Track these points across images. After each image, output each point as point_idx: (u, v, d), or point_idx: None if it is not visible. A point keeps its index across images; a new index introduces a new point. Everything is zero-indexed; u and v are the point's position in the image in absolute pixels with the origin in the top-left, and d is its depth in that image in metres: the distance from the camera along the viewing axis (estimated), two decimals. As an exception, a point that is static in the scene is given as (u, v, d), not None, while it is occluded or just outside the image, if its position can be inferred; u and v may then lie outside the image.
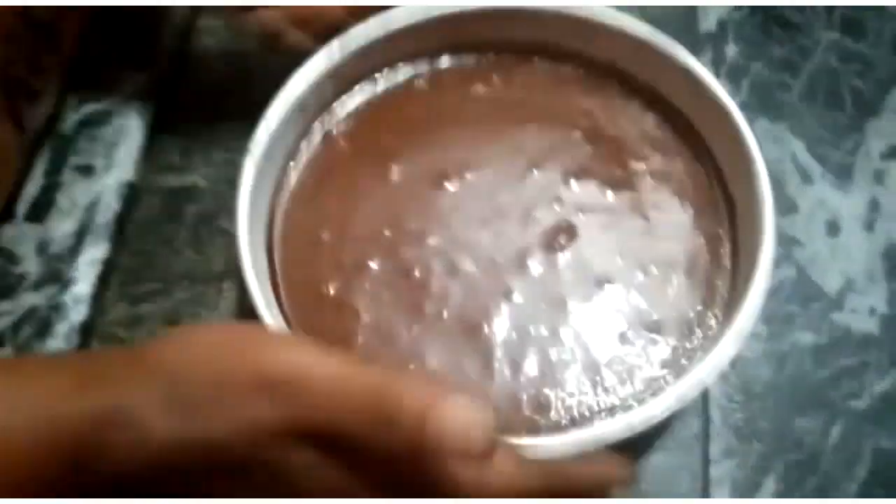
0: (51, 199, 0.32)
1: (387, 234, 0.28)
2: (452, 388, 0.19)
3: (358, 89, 0.30)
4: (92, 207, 0.32)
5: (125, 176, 0.33)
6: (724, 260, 0.27)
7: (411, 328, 0.26)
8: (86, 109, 0.34)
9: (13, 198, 0.32)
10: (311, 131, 0.30)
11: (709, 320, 0.26)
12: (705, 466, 0.29)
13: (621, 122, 0.30)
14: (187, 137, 0.35)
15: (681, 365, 0.25)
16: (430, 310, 0.27)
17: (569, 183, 0.29)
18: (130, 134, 0.34)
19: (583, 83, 0.31)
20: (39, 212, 0.32)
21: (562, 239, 0.28)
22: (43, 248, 0.31)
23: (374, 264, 0.27)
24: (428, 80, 0.31)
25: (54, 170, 0.33)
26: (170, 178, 0.34)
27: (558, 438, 0.23)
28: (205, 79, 0.36)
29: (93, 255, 0.31)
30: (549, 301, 0.27)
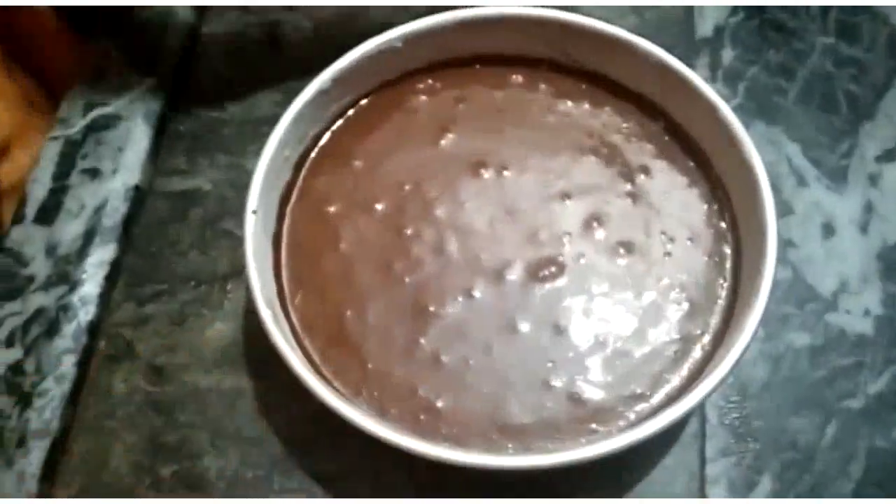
0: (59, 202, 0.33)
1: (406, 188, 0.29)
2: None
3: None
4: (99, 210, 0.33)
5: (132, 179, 0.33)
6: (721, 291, 0.28)
7: (374, 278, 0.28)
8: (93, 113, 0.35)
9: (22, 200, 0.33)
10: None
11: (699, 346, 0.27)
12: (701, 465, 0.29)
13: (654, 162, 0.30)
14: (193, 141, 0.35)
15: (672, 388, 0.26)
16: (397, 270, 0.28)
17: (590, 227, 0.29)
18: (137, 138, 0.34)
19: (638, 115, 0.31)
20: (48, 214, 0.33)
21: (547, 271, 0.28)
22: (51, 249, 0.32)
23: (378, 206, 0.29)
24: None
25: (62, 173, 0.34)
26: (175, 182, 0.34)
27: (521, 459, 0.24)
28: (210, 83, 0.37)
29: (100, 257, 0.32)
30: (501, 319, 0.27)
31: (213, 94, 0.37)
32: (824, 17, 0.39)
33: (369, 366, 0.26)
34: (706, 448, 0.29)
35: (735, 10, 0.39)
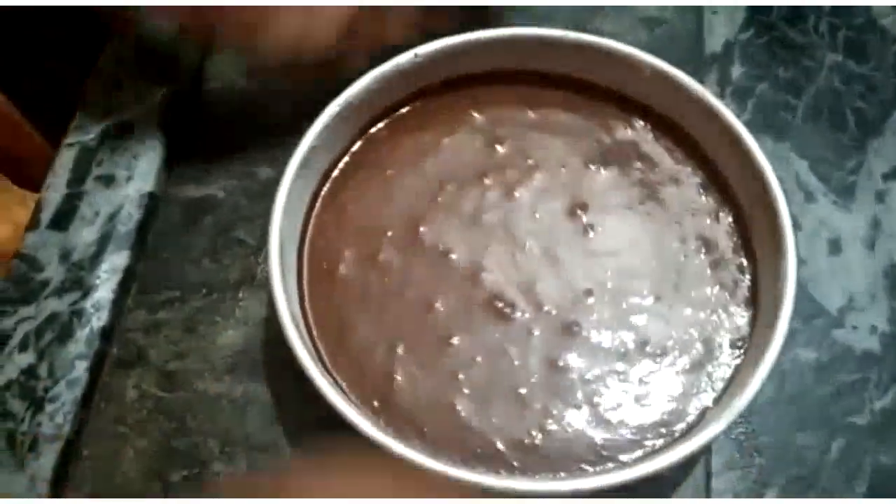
0: (74, 208, 0.33)
1: (448, 188, 0.31)
2: None
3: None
4: (114, 216, 0.33)
5: (146, 186, 0.34)
6: (723, 350, 0.28)
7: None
8: (109, 121, 0.35)
9: (38, 206, 0.33)
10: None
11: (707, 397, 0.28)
12: (707, 479, 0.29)
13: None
14: (207, 150, 0.36)
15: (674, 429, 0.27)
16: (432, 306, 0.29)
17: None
18: (152, 146, 0.35)
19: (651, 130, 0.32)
20: (62, 220, 0.33)
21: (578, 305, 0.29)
22: (65, 255, 0.32)
23: (411, 185, 0.31)
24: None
25: (77, 179, 0.34)
26: (189, 189, 0.35)
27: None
28: (224, 92, 0.37)
29: (114, 263, 0.32)
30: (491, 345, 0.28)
31: (227, 102, 0.37)
32: (833, 34, 0.39)
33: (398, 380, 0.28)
34: (712, 462, 0.29)
35: (744, 27, 0.39)
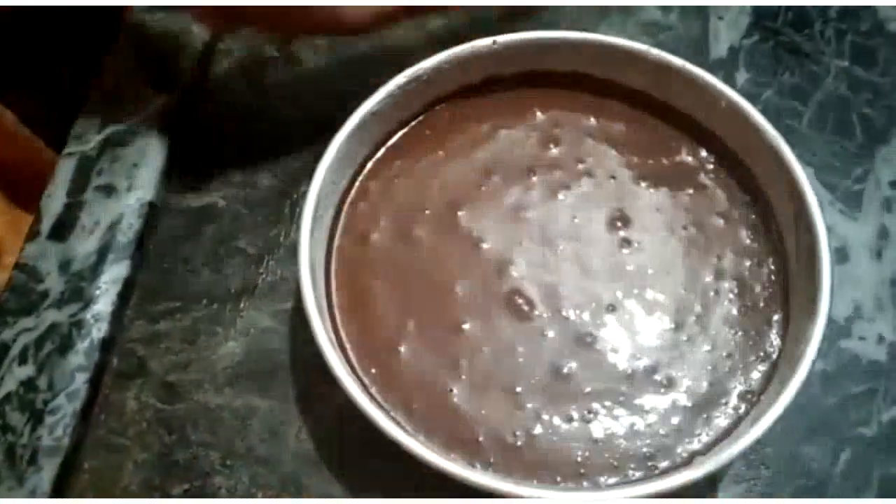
0: (74, 218, 0.33)
1: (494, 178, 0.31)
2: None
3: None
4: (114, 226, 0.33)
5: (146, 196, 0.34)
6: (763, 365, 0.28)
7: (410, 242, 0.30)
8: (109, 130, 0.35)
9: (37, 216, 0.33)
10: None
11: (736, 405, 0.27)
12: (713, 492, 0.29)
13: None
14: (207, 159, 0.35)
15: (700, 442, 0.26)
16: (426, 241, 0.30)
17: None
18: (152, 155, 0.34)
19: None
20: (62, 230, 0.33)
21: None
22: (65, 265, 0.32)
23: (459, 170, 0.31)
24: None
25: (77, 189, 0.34)
26: (189, 198, 0.35)
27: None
28: (224, 101, 0.37)
29: (114, 274, 0.32)
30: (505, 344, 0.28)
31: (227, 111, 0.37)
32: (839, 40, 0.39)
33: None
34: (718, 474, 0.29)
35: (749, 32, 0.39)
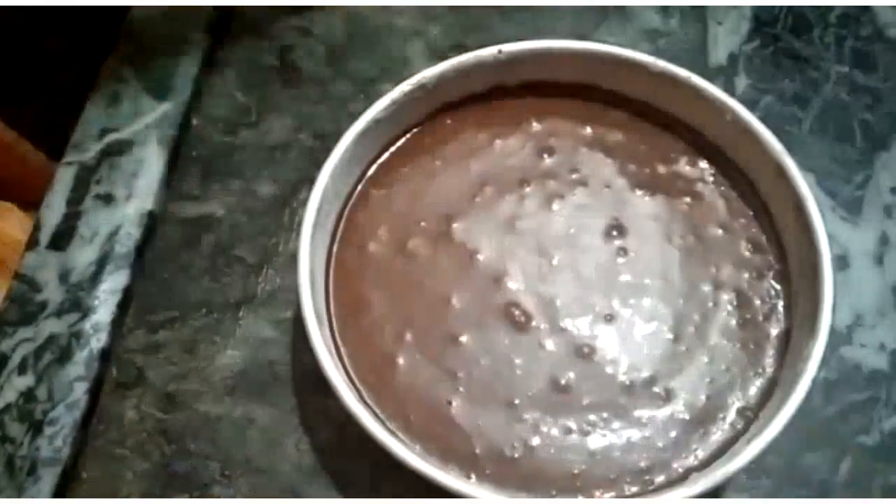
0: (72, 228, 0.33)
1: (488, 189, 0.31)
2: None
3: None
4: (113, 236, 0.33)
5: (145, 205, 0.34)
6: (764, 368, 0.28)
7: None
8: (107, 139, 0.35)
9: (36, 226, 0.33)
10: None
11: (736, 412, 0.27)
12: (715, 501, 0.29)
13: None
14: (206, 167, 0.35)
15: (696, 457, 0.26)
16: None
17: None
18: (150, 164, 0.34)
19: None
20: (61, 240, 0.33)
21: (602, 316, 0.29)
22: (64, 275, 0.32)
23: (453, 180, 0.31)
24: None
25: (76, 198, 0.34)
26: (189, 208, 0.34)
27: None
28: (224, 108, 0.37)
29: (113, 284, 0.32)
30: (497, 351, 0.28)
31: (226, 119, 0.37)
32: (839, 45, 0.38)
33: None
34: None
35: (749, 38, 0.39)
